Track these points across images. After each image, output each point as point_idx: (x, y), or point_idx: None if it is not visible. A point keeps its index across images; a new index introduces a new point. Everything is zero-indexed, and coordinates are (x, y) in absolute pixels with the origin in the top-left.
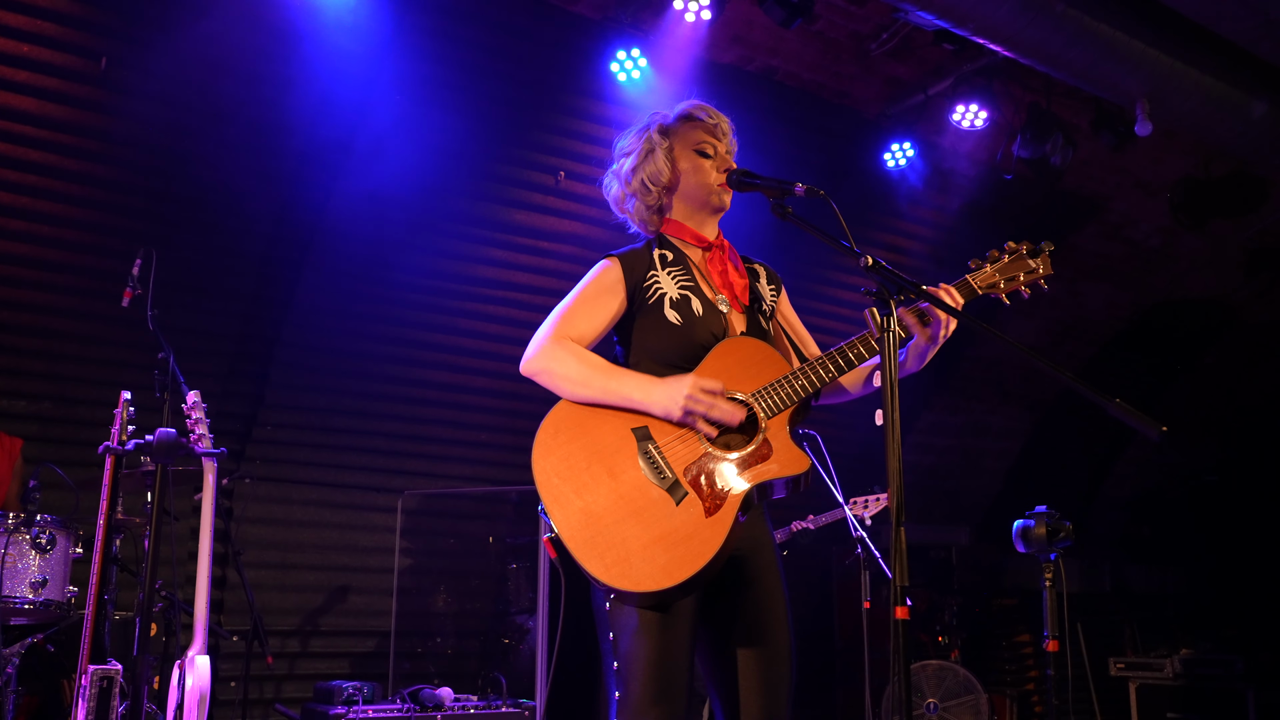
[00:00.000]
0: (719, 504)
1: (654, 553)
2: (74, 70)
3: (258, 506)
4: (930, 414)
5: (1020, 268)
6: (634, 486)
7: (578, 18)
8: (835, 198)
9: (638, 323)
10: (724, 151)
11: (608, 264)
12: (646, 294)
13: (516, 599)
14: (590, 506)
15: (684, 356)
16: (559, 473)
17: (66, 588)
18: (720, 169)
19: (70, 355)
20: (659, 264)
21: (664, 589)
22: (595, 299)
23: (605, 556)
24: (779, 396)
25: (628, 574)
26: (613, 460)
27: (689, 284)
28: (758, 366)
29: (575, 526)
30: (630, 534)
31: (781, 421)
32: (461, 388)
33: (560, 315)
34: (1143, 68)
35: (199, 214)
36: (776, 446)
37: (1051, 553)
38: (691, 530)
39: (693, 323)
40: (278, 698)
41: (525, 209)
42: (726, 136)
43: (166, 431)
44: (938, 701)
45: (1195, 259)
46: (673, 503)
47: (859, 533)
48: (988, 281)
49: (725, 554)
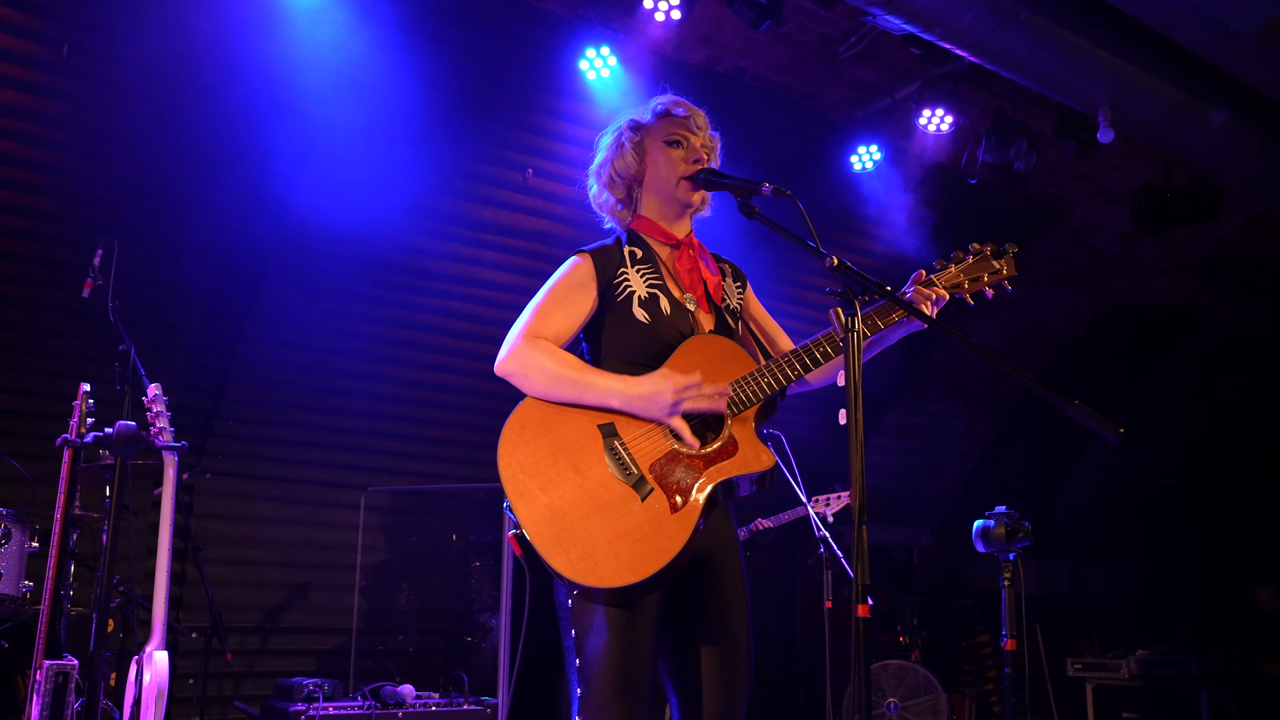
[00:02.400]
0: (684, 500)
1: (619, 548)
2: (35, 58)
3: (218, 502)
4: (893, 416)
5: (984, 268)
6: (599, 483)
7: (547, 14)
8: (802, 199)
9: (606, 320)
10: (697, 144)
11: (579, 260)
12: (616, 291)
13: (479, 596)
14: (556, 503)
15: (651, 355)
16: (525, 469)
17: (22, 582)
18: (690, 160)
19: (28, 347)
20: (629, 261)
21: (629, 584)
22: (567, 296)
23: (570, 552)
24: (745, 394)
25: (593, 570)
26: (578, 456)
27: (657, 282)
28: (724, 364)
29: (540, 523)
30: (595, 530)
31: (747, 418)
32: (426, 384)
33: (532, 314)
34: (1105, 76)
35: (162, 205)
36: (741, 443)
37: (1010, 553)
38: (657, 526)
39: (660, 321)
40: (237, 694)
41: (493, 206)
42: (702, 131)
43: (126, 425)
44: (898, 701)
45: (1155, 265)
46: (638, 499)
47: (821, 532)
48: (952, 281)
49: (691, 549)
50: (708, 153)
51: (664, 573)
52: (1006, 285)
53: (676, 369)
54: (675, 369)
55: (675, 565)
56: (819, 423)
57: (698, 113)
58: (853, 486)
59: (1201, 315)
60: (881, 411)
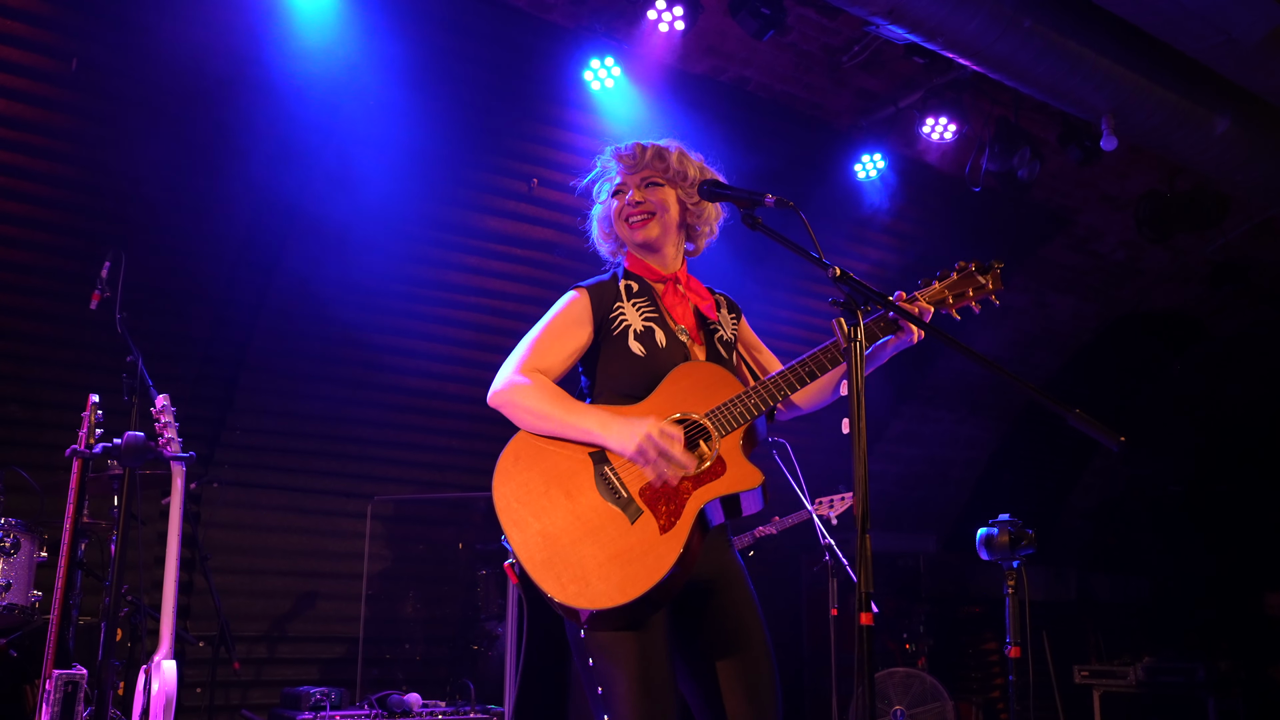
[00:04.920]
0: (673, 521)
1: (609, 570)
2: (44, 71)
3: (226, 511)
4: (899, 423)
5: (970, 284)
6: (590, 507)
7: (552, 26)
8: (806, 208)
9: (602, 353)
10: (636, 181)
11: (576, 295)
12: (612, 325)
13: (486, 605)
14: (548, 529)
15: (646, 387)
16: (518, 498)
17: (31, 592)
18: (627, 201)
19: (37, 358)
20: (625, 295)
21: (620, 605)
22: (563, 331)
23: (562, 576)
24: (732, 416)
25: (584, 592)
26: (570, 483)
27: (653, 315)
28: (712, 389)
29: (533, 549)
30: (586, 553)
31: (735, 440)
32: (433, 393)
33: (528, 348)
34: (1108, 84)
35: (168, 217)
36: (730, 463)
37: (1014, 560)
38: (647, 547)
39: (656, 354)
40: (244, 703)
41: (498, 215)
42: (642, 156)
43: (135, 435)
44: (904, 709)
45: (1161, 272)
46: (627, 521)
47: (827, 540)
48: (936, 298)
49: (684, 570)
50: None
51: (655, 591)
52: (994, 299)
53: (665, 395)
54: (664, 395)
55: (668, 585)
56: (822, 424)
57: (631, 151)
58: (856, 495)
59: (1208, 321)
60: (887, 419)
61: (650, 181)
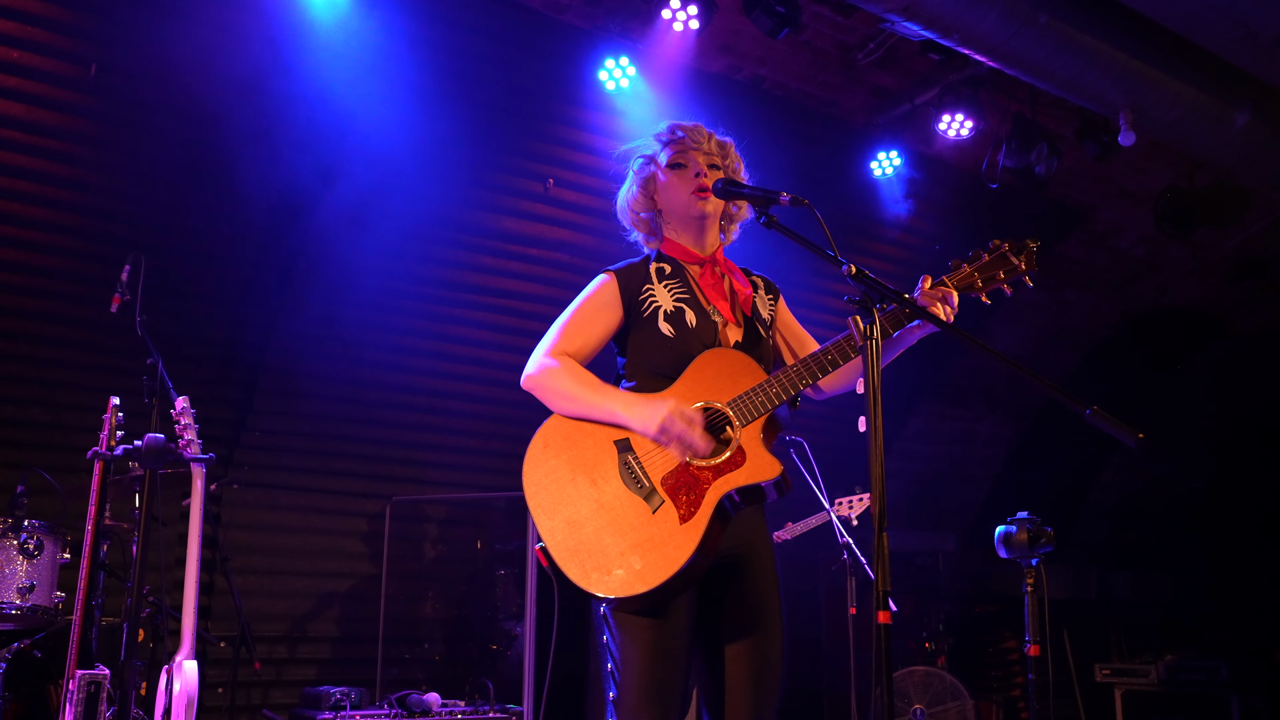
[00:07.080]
0: (693, 510)
1: (630, 559)
2: (64, 76)
3: (245, 512)
4: (917, 421)
5: (1001, 265)
6: (614, 495)
7: (567, 26)
8: (821, 206)
9: (633, 335)
10: (700, 159)
11: (606, 279)
12: (642, 307)
13: (504, 605)
14: (573, 516)
15: (677, 368)
16: (545, 485)
17: (54, 593)
18: (694, 174)
19: (59, 361)
20: (655, 277)
21: (639, 594)
22: (593, 314)
23: (585, 564)
24: (753, 405)
25: (604, 580)
26: (595, 472)
27: (685, 296)
28: (736, 377)
29: (560, 536)
30: (609, 542)
31: (755, 429)
32: (450, 394)
33: (558, 332)
34: (1126, 78)
35: (187, 220)
36: (749, 454)
37: (1033, 558)
38: (666, 536)
39: (685, 335)
40: (265, 703)
41: (514, 216)
42: (705, 142)
43: (155, 437)
44: (924, 708)
45: (1180, 268)
46: (649, 510)
47: (845, 539)
48: (965, 281)
49: (703, 559)
50: (715, 159)
51: (674, 581)
52: (1027, 280)
53: (688, 382)
54: (687, 382)
55: (687, 574)
56: (840, 423)
57: (695, 130)
58: (873, 493)
59: (1228, 317)
60: (905, 416)
61: (712, 164)
